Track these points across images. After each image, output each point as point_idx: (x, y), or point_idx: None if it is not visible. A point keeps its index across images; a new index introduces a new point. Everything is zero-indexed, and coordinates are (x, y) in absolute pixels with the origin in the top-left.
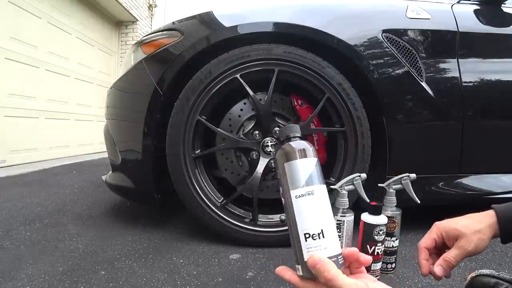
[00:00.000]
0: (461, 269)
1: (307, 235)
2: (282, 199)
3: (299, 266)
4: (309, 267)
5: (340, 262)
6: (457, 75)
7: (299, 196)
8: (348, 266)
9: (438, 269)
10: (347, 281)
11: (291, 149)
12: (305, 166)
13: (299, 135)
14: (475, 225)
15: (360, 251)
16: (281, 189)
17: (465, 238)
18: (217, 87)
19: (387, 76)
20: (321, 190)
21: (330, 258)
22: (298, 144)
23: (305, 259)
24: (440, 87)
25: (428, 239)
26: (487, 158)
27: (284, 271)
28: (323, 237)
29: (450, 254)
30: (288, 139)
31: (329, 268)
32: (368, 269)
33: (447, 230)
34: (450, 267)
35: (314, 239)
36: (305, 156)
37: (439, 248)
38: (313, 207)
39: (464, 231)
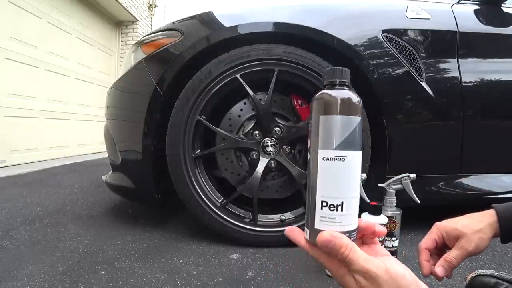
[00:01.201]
0: (461, 269)
1: (324, 203)
2: (308, 154)
3: (308, 230)
4: (320, 246)
5: (352, 238)
6: (457, 75)
7: (327, 159)
8: (361, 236)
9: (439, 269)
10: (367, 260)
11: (333, 100)
12: (344, 125)
13: (347, 83)
14: (476, 225)
15: None
16: (308, 142)
17: (465, 238)
18: (217, 87)
19: (387, 76)
20: (355, 157)
21: (343, 233)
22: (342, 94)
23: (316, 227)
24: (440, 87)
25: (428, 239)
26: (487, 158)
27: (292, 232)
28: (341, 210)
29: (451, 255)
30: (333, 85)
31: (345, 243)
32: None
33: (447, 230)
34: (451, 267)
35: (331, 210)
36: (348, 113)
37: (440, 249)
38: (340, 176)
39: (464, 231)
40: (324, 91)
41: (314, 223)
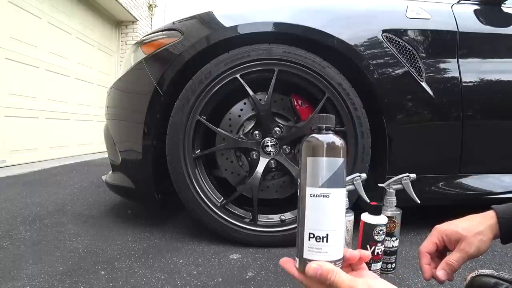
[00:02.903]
0: (461, 269)
1: (311, 235)
2: (298, 190)
3: (298, 259)
4: (310, 275)
5: (339, 267)
6: (457, 75)
7: (314, 196)
8: (350, 264)
9: (441, 273)
10: (351, 280)
11: (319, 144)
12: (328, 166)
13: (332, 127)
14: (476, 227)
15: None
16: (298, 180)
17: (466, 241)
18: (217, 87)
19: (387, 76)
20: (338, 194)
21: (329, 262)
22: (327, 138)
23: (304, 256)
24: (440, 87)
25: (429, 243)
26: (487, 158)
27: (286, 263)
28: (327, 241)
29: (452, 258)
30: (319, 130)
31: (331, 269)
32: (368, 268)
33: (448, 233)
34: (453, 270)
35: (318, 241)
36: (332, 155)
37: (441, 252)
38: (325, 210)
39: (465, 234)
40: (313, 135)
41: (303, 253)
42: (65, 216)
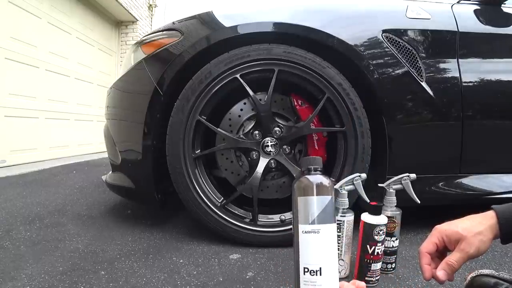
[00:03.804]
0: (461, 269)
1: (305, 269)
2: (292, 228)
3: None
4: None
5: None
6: (457, 75)
7: (305, 232)
8: None
9: (441, 273)
10: None
11: (308, 184)
12: (318, 204)
13: (320, 168)
14: (476, 227)
15: (360, 251)
16: (292, 219)
17: (466, 241)
18: (217, 87)
19: (387, 76)
20: (329, 229)
21: None
22: (316, 179)
23: None
24: (440, 87)
25: (429, 243)
26: (487, 158)
27: None
28: (320, 274)
29: (453, 258)
30: (309, 171)
31: None
32: (368, 269)
33: (448, 234)
34: (453, 270)
35: (312, 275)
36: (321, 194)
37: (441, 252)
38: (317, 245)
39: (465, 234)
40: (303, 176)
41: (300, 287)
42: (65, 216)
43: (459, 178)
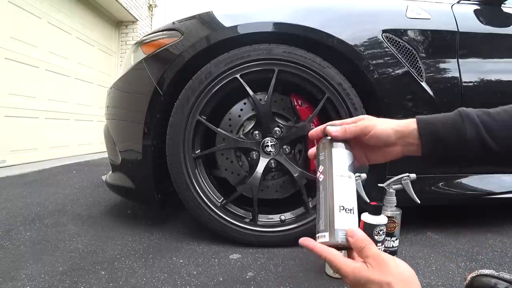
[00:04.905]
0: (461, 269)
1: (341, 207)
2: (321, 175)
3: (326, 234)
4: (348, 236)
5: None
6: (457, 75)
7: (341, 176)
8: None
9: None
10: (376, 251)
11: (342, 141)
12: (349, 156)
13: None
14: (393, 123)
15: None
16: (321, 167)
17: (367, 119)
18: (217, 87)
19: (387, 76)
20: (353, 177)
21: None
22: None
23: (336, 227)
24: (440, 87)
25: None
26: None
27: (307, 241)
28: (353, 213)
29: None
30: None
31: (363, 238)
32: None
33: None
34: (343, 129)
35: (347, 213)
36: (350, 150)
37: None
38: (350, 188)
39: (374, 122)
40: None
41: (334, 223)
42: (65, 216)
43: (459, 178)
